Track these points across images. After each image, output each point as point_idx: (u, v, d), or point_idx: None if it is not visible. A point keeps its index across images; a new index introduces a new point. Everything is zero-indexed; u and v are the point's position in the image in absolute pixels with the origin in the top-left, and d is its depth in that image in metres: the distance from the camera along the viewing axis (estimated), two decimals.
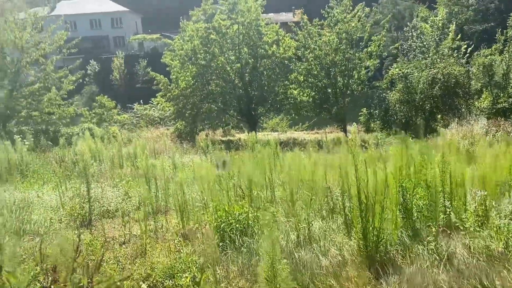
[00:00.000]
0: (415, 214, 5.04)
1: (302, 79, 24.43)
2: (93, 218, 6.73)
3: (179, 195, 6.19)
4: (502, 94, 22.04)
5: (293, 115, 26.37)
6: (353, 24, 22.93)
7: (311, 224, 5.13)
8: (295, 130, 30.69)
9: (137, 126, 26.82)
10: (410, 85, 22.83)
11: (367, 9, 24.21)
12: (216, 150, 14.82)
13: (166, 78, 25.43)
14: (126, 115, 28.58)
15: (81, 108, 27.72)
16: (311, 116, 27.62)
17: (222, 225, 5.12)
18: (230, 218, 5.14)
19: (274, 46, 24.06)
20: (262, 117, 27.98)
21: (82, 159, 6.98)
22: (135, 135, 23.02)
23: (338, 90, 24.25)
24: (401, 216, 4.91)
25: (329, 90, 24.25)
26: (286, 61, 24.56)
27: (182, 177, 7.41)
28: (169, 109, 26.26)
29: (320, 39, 23.66)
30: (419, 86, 22.02)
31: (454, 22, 28.85)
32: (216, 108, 25.73)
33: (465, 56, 24.91)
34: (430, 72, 21.51)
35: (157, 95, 27.06)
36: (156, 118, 28.26)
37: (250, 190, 7.15)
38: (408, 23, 30.62)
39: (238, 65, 24.06)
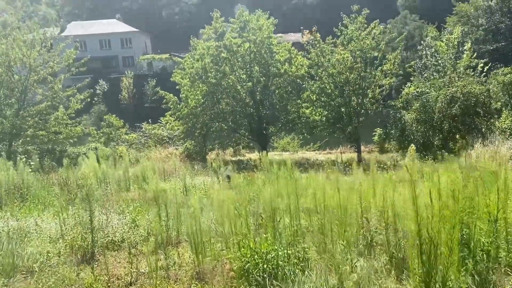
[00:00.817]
0: (480, 254, 4.20)
1: (314, 98, 23.76)
2: (96, 251, 5.95)
3: (193, 225, 5.41)
4: None
5: (305, 134, 25.60)
6: (367, 42, 22.33)
7: (354, 266, 4.31)
8: (307, 150, 29.87)
9: (145, 145, 26.21)
10: (427, 104, 22.04)
11: (381, 27, 23.65)
12: (230, 170, 14.09)
13: (175, 97, 24.92)
14: (135, 135, 28.02)
15: (89, 128, 27.27)
16: (323, 136, 26.85)
17: (247, 265, 4.31)
18: (256, 257, 4.34)
19: (286, 64, 23.51)
20: (273, 137, 27.26)
21: (85, 184, 6.23)
22: (143, 155, 22.37)
23: (352, 109, 23.51)
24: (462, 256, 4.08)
25: (343, 109, 23.51)
26: (298, 80, 23.97)
27: (194, 203, 6.66)
28: (178, 128, 25.65)
29: (334, 57, 23.06)
30: (437, 105, 21.21)
31: (469, 41, 28.27)
32: (226, 127, 25.08)
33: (482, 74, 24.18)
34: (449, 91, 20.72)
35: (166, 114, 26.52)
36: (165, 138, 27.65)
37: (272, 218, 6.37)
38: (422, 42, 30.05)
39: (250, 83, 23.50)
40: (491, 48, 51.86)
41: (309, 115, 24.12)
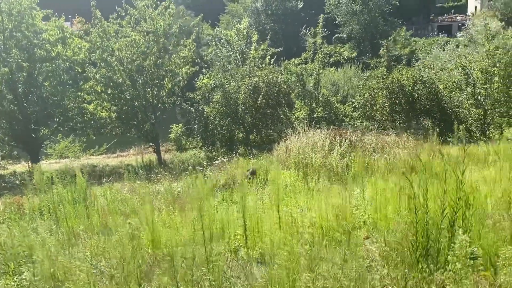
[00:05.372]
0: None
1: (100, 89, 19.18)
2: None
3: None
4: (315, 104, 21.76)
5: (91, 135, 20.64)
6: (161, 23, 19.08)
7: None
8: (92, 155, 24.80)
9: None
10: (228, 96, 20.39)
11: (173, 7, 20.71)
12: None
13: None
14: None
15: None
16: (113, 136, 22.40)
17: None
18: None
19: (59, 46, 18.19)
20: (47, 141, 21.19)
21: None
22: None
23: (147, 103, 19.91)
24: None
25: (136, 103, 19.67)
26: (77, 67, 18.93)
27: None
28: None
29: (121, 40, 18.98)
30: (240, 96, 19.74)
31: (257, 33, 28.22)
32: None
33: (269, 65, 24.11)
34: (251, 81, 19.45)
35: None
36: None
37: None
38: (211, 36, 28.66)
39: (6, 69, 17.23)
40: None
41: (94, 111, 19.43)
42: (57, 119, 19.44)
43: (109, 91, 19.38)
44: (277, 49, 23.05)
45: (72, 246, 6.04)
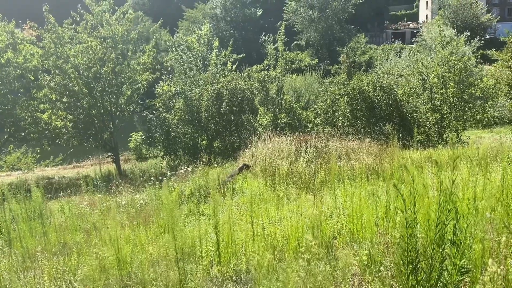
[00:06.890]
0: None
1: (54, 98, 18.26)
2: None
3: None
4: (278, 110, 21.74)
5: (45, 146, 19.57)
6: (120, 29, 18.45)
7: None
8: (46, 166, 23.60)
9: None
10: (191, 103, 19.97)
11: (131, 13, 20.11)
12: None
13: None
14: None
15: None
16: (69, 147, 21.39)
17: None
18: None
19: (9, 52, 17.18)
20: None
21: None
22: None
23: (104, 111, 19.15)
24: None
25: (94, 112, 18.86)
26: (29, 75, 17.94)
27: None
28: None
29: (76, 47, 18.19)
30: (203, 103, 19.38)
31: (217, 39, 27.97)
32: None
33: (231, 72, 23.93)
34: (214, 88, 19.15)
35: None
36: None
37: None
38: (172, 42, 28.14)
39: None
40: None
41: (49, 120, 18.46)
42: (8, 129, 18.33)
43: (65, 100, 18.49)
44: (239, 56, 22.78)
45: (28, 270, 5.55)
